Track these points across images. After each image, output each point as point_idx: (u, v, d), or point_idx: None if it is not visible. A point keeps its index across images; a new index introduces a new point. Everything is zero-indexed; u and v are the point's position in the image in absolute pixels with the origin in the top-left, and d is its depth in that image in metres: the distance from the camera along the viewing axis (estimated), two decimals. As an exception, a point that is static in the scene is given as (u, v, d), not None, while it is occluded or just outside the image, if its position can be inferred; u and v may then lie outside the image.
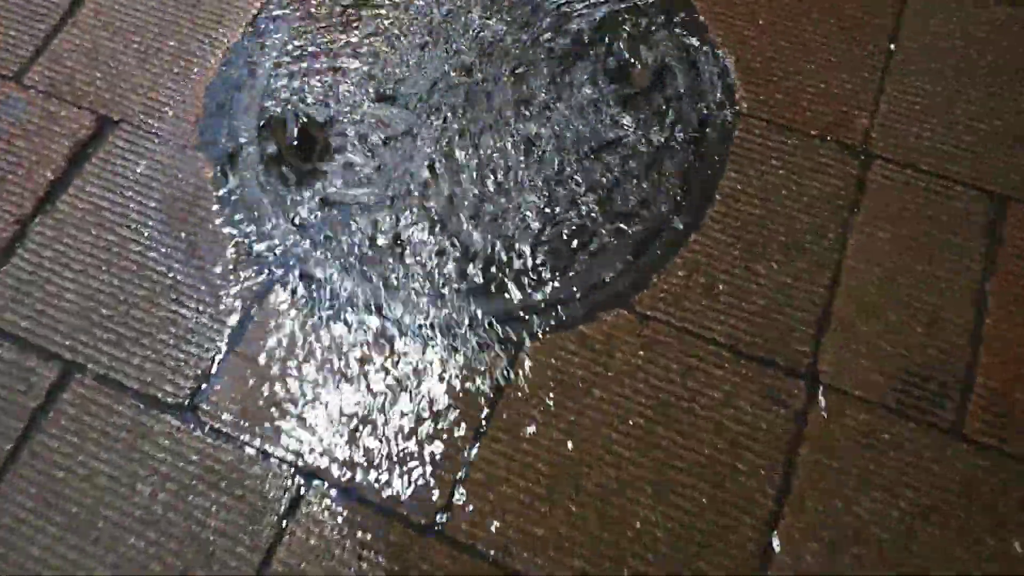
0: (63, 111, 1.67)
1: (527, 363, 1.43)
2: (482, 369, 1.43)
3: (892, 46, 1.74)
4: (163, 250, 1.54)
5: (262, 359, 1.44)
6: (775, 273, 1.51)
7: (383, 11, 1.80)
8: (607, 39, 1.74)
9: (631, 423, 1.39)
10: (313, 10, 1.80)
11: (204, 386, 1.42)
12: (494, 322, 1.47)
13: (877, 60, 1.72)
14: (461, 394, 1.41)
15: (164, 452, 1.37)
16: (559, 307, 1.48)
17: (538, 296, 1.49)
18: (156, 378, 1.43)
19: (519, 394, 1.41)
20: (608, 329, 1.46)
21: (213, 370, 1.43)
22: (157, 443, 1.37)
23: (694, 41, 1.75)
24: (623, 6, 1.79)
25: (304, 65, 1.73)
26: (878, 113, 1.66)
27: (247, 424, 1.39)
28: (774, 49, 1.74)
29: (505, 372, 1.43)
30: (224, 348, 1.45)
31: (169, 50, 1.75)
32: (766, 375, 1.42)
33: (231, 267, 1.52)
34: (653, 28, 1.76)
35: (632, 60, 1.71)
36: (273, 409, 1.40)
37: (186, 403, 1.41)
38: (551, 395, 1.41)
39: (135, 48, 1.75)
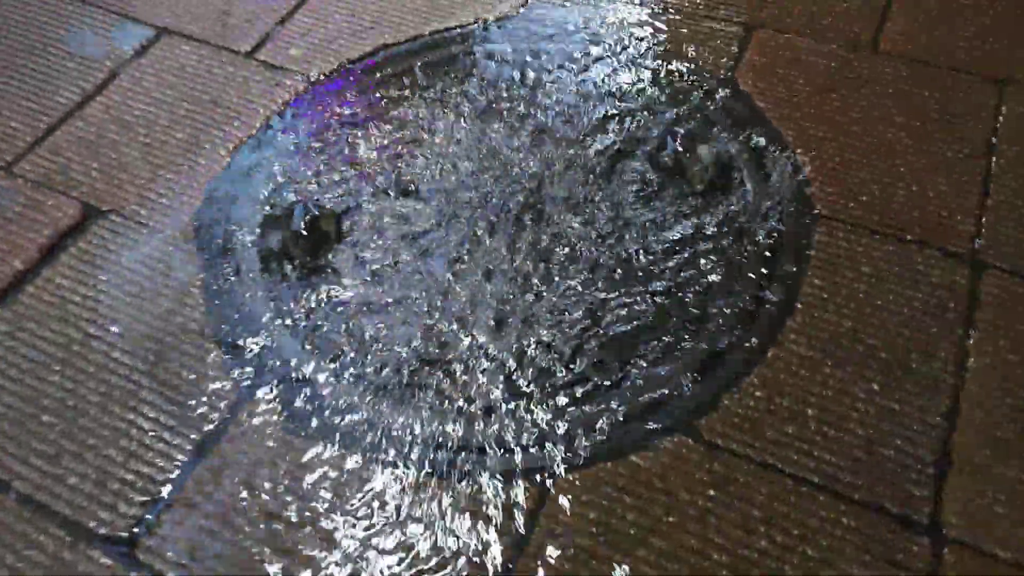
0: (49, 200, 1.50)
1: (562, 501, 1.12)
2: (505, 507, 1.12)
3: (993, 147, 1.51)
4: (130, 350, 1.30)
5: (229, 485, 1.15)
6: (878, 397, 1.20)
7: (414, 108, 1.64)
8: (662, 138, 1.54)
9: (699, 586, 1.04)
10: (339, 108, 1.65)
11: (150, 516, 1.13)
12: (522, 447, 1.17)
13: (976, 162, 1.49)
14: (477, 539, 1.09)
15: (85, 599, 1.06)
16: (605, 431, 1.18)
17: (578, 416, 1.20)
18: (92, 503, 1.14)
19: (551, 541, 1.08)
20: (668, 460, 1.15)
21: (164, 495, 1.14)
22: (78, 586, 1.07)
23: (760, 141, 1.55)
24: (679, 107, 1.61)
25: (323, 159, 1.56)
26: (985, 218, 1.41)
27: (197, 570, 1.08)
28: (853, 150, 1.53)
29: (534, 511, 1.11)
30: (183, 470, 1.17)
31: (176, 143, 1.60)
32: (876, 526, 1.08)
33: (208, 372, 1.27)
34: (713, 127, 1.57)
35: (691, 159, 1.50)
36: (233, 550, 1.09)
37: (124, 536, 1.11)
38: (593, 543, 1.08)
39: (141, 140, 1.61)
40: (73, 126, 1.64)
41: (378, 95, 1.68)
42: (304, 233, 1.42)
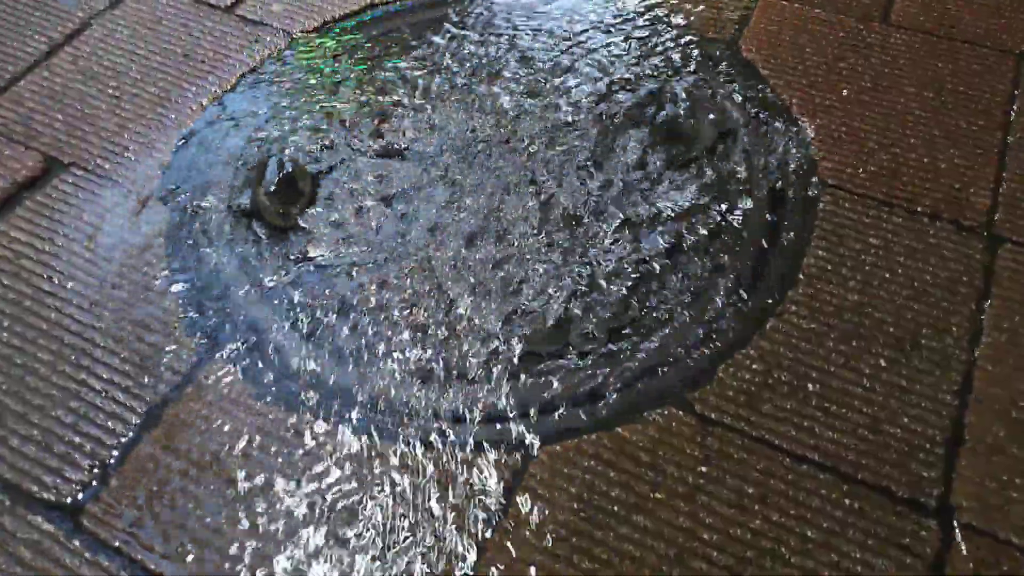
0: (7, 151, 1.43)
1: (542, 473, 1.05)
2: (481, 478, 1.04)
3: (1010, 120, 1.44)
4: (86, 308, 1.22)
5: (184, 450, 1.08)
6: (885, 373, 1.13)
7: (400, 67, 1.57)
8: (661, 103, 1.47)
9: (690, 568, 0.97)
10: (320, 66, 1.58)
11: (97, 483, 1.05)
12: (501, 416, 1.10)
13: (991, 135, 1.42)
14: (448, 513, 1.02)
15: (23, 567, 0.98)
16: (589, 400, 1.11)
17: (562, 385, 1.13)
18: (36, 466, 1.06)
19: (528, 516, 1.01)
20: (657, 433, 1.08)
21: (114, 460, 1.07)
22: (15, 554, 0.99)
23: (762, 107, 1.48)
24: (679, 72, 1.54)
25: (300, 117, 1.49)
26: (1002, 192, 1.34)
27: (145, 537, 1.00)
28: (862, 119, 1.46)
29: (511, 484, 1.04)
30: (135, 433, 1.09)
31: (148, 96, 1.52)
32: (882, 508, 1.01)
33: (167, 332, 1.19)
34: (714, 93, 1.50)
35: (690, 124, 1.43)
36: (186, 518, 1.02)
37: (68, 502, 1.03)
38: (573, 519, 1.00)
39: (109, 93, 1.53)
40: (39, 76, 1.56)
41: (362, 53, 1.61)
42: (277, 191, 1.35)
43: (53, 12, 1.68)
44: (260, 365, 1.16)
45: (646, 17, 1.65)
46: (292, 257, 1.28)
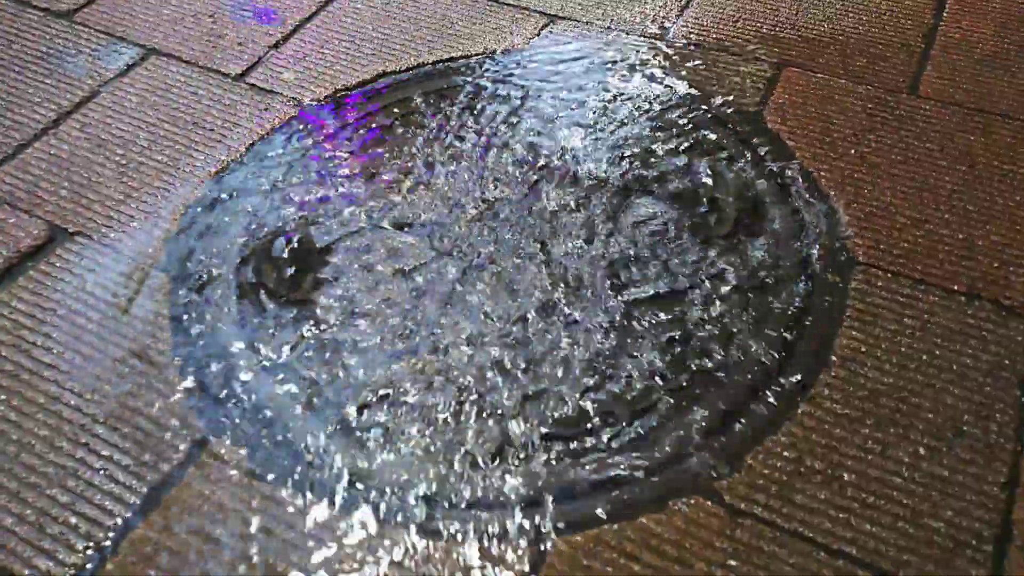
0: (12, 219, 1.47)
1: (561, 565, 1.05)
2: (496, 571, 1.04)
3: (1048, 196, 1.48)
4: (86, 382, 1.24)
5: (185, 534, 1.08)
6: (925, 463, 1.14)
7: (411, 137, 1.63)
8: (682, 178, 1.51)
9: (719, 670, 0.96)
10: (330, 135, 1.63)
11: (91, 565, 1.06)
12: (517, 504, 1.11)
13: (1030, 212, 1.46)
14: (461, 606, 1.02)
15: (8, 660, 0.98)
16: (611, 489, 1.12)
17: (582, 472, 1.14)
18: (28, 548, 1.07)
19: (547, 611, 1.01)
20: (683, 524, 1.08)
21: (110, 542, 1.08)
22: (1, 645, 0.99)
23: (790, 181, 1.52)
24: (700, 145, 1.59)
25: (310, 187, 1.53)
26: (1042, 271, 1.37)
27: (140, 627, 1.01)
28: (893, 193, 1.49)
29: (529, 576, 1.04)
30: (134, 514, 1.10)
31: (154, 164, 1.58)
32: (927, 609, 1.01)
33: (170, 409, 1.21)
34: (738, 167, 1.54)
35: (713, 198, 1.47)
36: (182, 607, 1.02)
37: (59, 588, 1.04)
38: (596, 616, 1.00)
39: (116, 160, 1.59)
40: (46, 144, 1.63)
41: (373, 123, 1.67)
42: (285, 265, 1.39)
43: (63, 80, 1.75)
44: (265, 444, 1.18)
45: (667, 88, 1.71)
46: (300, 332, 1.31)
